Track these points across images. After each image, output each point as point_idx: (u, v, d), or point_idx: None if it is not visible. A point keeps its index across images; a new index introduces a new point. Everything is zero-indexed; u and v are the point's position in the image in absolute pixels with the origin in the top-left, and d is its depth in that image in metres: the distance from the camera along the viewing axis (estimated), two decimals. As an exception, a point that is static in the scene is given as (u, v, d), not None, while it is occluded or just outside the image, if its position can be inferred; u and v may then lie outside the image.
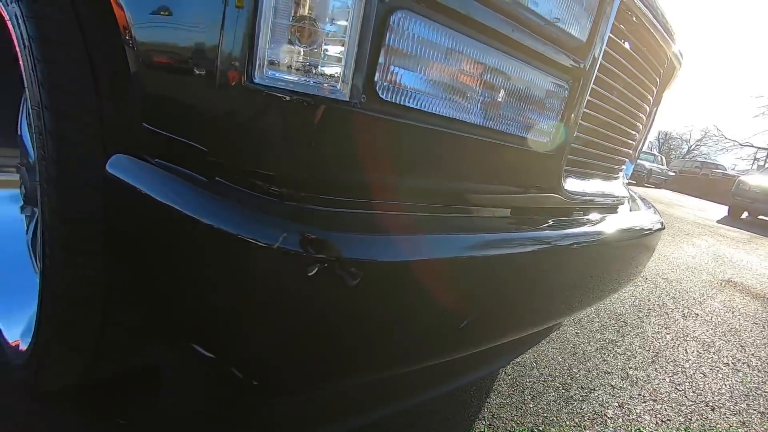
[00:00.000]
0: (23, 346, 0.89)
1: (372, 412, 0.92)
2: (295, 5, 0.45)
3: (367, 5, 0.45)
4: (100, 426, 0.89)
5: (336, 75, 0.47)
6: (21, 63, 0.68)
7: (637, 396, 1.46)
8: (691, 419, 1.39)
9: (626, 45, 0.85)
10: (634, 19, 0.83)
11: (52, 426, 0.87)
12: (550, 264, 0.74)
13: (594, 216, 1.00)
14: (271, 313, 0.45)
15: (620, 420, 1.31)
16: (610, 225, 0.95)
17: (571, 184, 0.89)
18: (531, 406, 1.28)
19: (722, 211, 10.41)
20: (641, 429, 1.29)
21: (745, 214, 9.67)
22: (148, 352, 0.76)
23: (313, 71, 0.47)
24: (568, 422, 1.25)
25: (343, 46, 0.46)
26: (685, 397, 1.52)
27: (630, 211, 1.36)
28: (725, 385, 1.68)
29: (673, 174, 18.78)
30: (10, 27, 0.70)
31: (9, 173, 1.10)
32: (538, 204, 0.82)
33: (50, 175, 0.63)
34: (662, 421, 1.35)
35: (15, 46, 0.69)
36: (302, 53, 0.46)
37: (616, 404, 1.38)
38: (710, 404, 1.51)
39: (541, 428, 1.20)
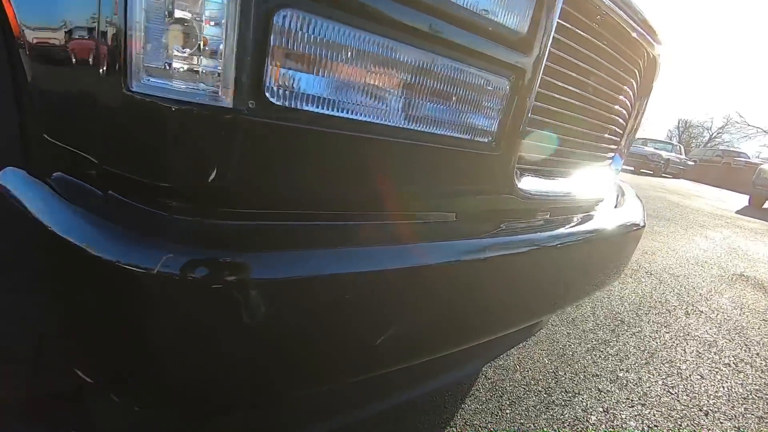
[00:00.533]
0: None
1: (333, 420, 0.89)
2: (168, 7, 0.42)
3: (244, 5, 0.42)
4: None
5: (217, 81, 0.44)
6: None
7: (624, 400, 1.40)
8: (681, 425, 1.33)
9: (584, 34, 0.80)
10: (591, 7, 0.78)
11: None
12: (494, 272, 0.70)
13: (560, 217, 0.95)
14: (152, 339, 0.43)
15: (603, 426, 1.26)
16: (575, 227, 0.90)
17: (529, 184, 0.84)
18: (508, 412, 1.24)
19: (743, 200, 10.06)
20: (625, 435, 1.24)
21: (767, 204, 9.32)
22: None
23: (193, 78, 0.44)
24: (546, 429, 1.20)
25: (222, 49, 0.43)
26: (677, 400, 1.46)
27: (615, 207, 1.31)
28: (723, 387, 1.61)
29: (693, 163, 18.23)
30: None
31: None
32: (489, 207, 0.78)
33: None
34: (649, 427, 1.29)
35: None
36: (179, 58, 0.43)
37: (601, 409, 1.33)
38: (704, 408, 1.44)
39: (514, 436, 1.16)
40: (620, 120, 1.21)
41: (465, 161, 0.68)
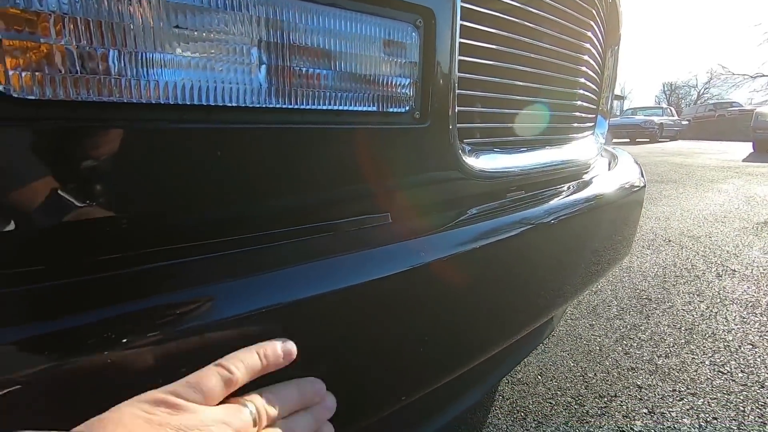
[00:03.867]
0: None
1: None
2: None
3: None
4: None
5: None
6: None
7: (670, 393, 1.19)
8: (744, 411, 1.11)
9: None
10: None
11: None
12: (460, 272, 0.53)
13: (538, 193, 0.78)
14: None
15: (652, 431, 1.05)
16: (557, 200, 0.73)
17: (486, 162, 0.67)
18: (535, 436, 1.03)
19: (747, 148, 9.79)
20: (681, 438, 1.03)
21: (772, 147, 9.04)
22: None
23: None
24: (584, 450, 1.00)
25: None
26: (733, 380, 1.24)
27: (608, 170, 1.14)
28: (781, 353, 1.38)
29: (687, 123, 18.05)
30: None
31: None
32: (437, 196, 0.61)
33: None
34: (707, 421, 1.08)
35: None
36: None
37: (645, 410, 1.12)
38: (766, 383, 1.22)
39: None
40: (592, 74, 1.06)
41: (383, 142, 0.52)
